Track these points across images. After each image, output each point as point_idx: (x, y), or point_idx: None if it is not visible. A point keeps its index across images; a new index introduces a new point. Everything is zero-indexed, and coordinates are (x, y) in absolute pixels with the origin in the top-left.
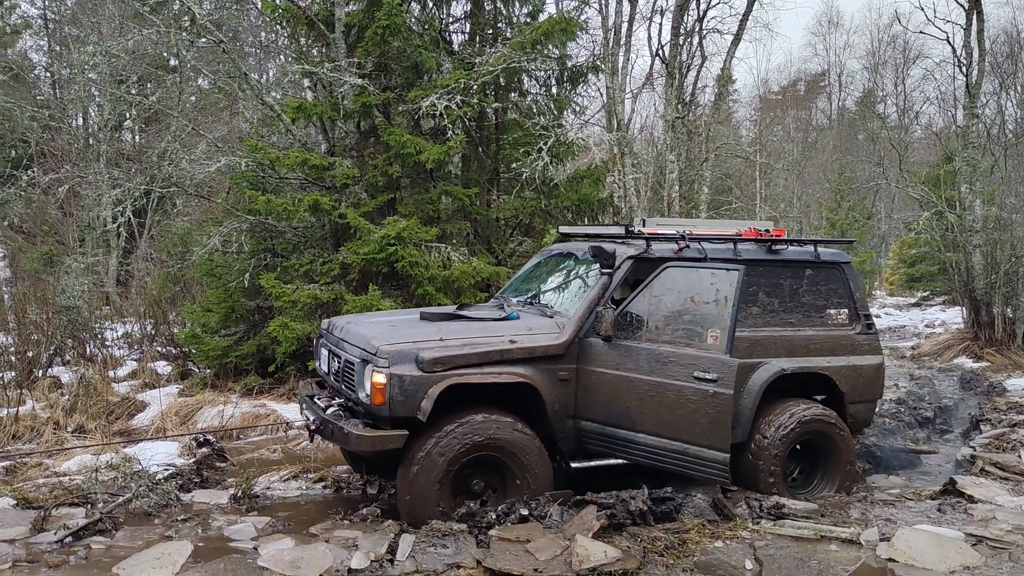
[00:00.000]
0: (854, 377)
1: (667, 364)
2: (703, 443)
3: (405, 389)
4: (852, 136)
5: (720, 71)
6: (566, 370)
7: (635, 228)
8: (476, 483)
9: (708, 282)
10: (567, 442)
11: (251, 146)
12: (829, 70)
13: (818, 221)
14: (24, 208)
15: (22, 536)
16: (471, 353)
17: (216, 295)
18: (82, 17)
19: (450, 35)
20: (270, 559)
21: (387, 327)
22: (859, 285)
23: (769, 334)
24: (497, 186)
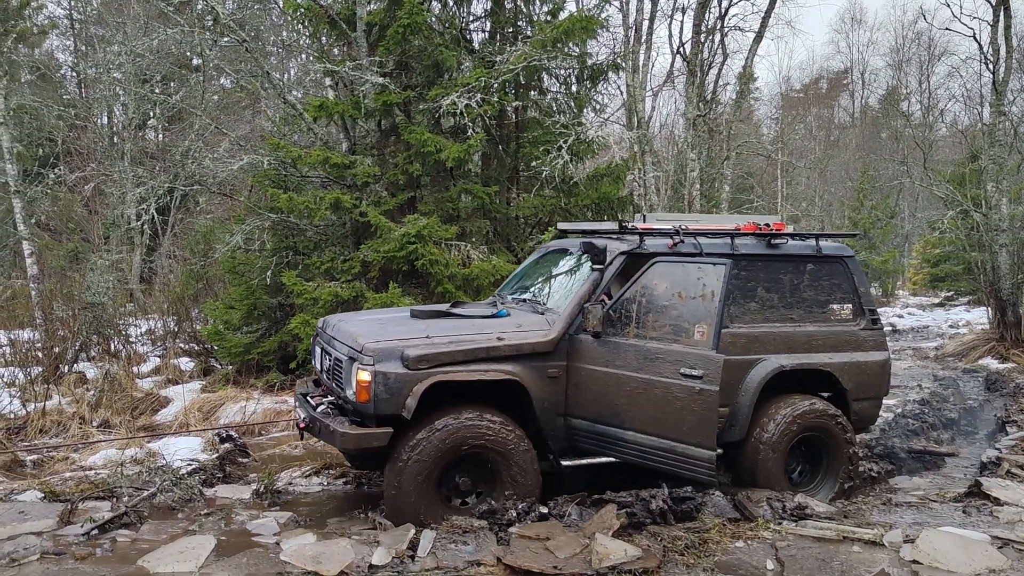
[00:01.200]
0: (858, 374)
1: (654, 360)
2: (690, 441)
3: (390, 387)
4: (875, 134)
5: (742, 69)
6: (556, 367)
7: (629, 224)
8: (463, 481)
9: (695, 277)
10: (558, 440)
11: (273, 144)
12: (852, 68)
13: (840, 220)
14: (51, 206)
15: (50, 528)
16: (457, 350)
17: (238, 292)
18: (107, 17)
19: (470, 34)
20: (292, 554)
21: (376, 325)
22: (863, 279)
23: (768, 330)
24: (517, 184)
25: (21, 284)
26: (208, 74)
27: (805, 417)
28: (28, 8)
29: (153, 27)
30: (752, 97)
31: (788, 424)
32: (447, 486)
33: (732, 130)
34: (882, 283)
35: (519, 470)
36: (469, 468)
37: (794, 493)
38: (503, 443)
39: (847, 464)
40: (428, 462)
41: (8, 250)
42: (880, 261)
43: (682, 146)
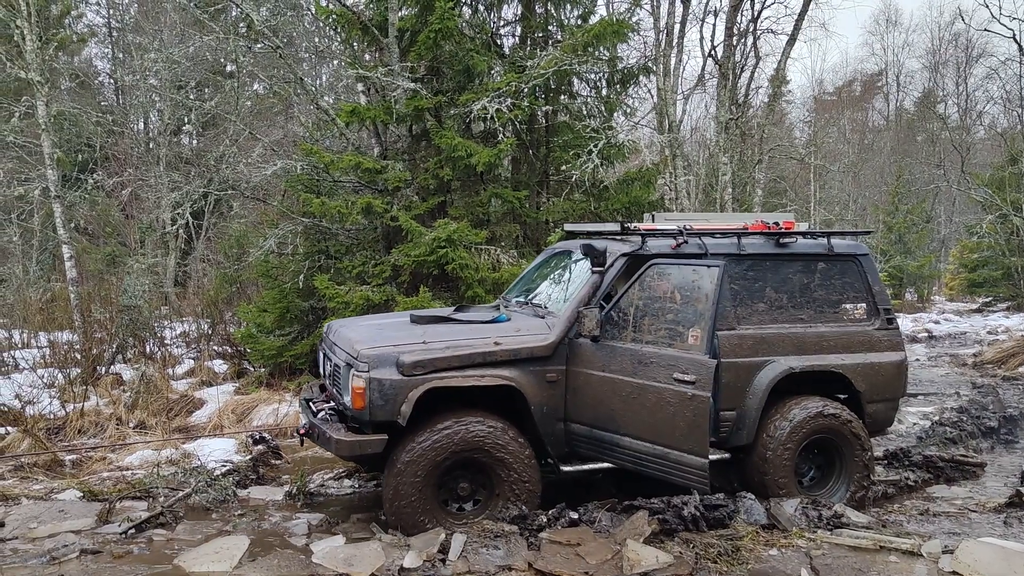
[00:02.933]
0: (872, 375)
1: (648, 365)
2: (682, 447)
3: (385, 393)
4: (910, 137)
5: (774, 71)
6: (554, 371)
7: (632, 225)
8: (463, 487)
9: (690, 279)
10: (558, 445)
11: (306, 150)
12: (887, 70)
13: (875, 224)
14: (89, 210)
15: (88, 527)
16: (452, 356)
17: (271, 296)
18: (144, 25)
19: (501, 39)
20: (324, 556)
21: (374, 330)
22: (878, 278)
23: (776, 331)
24: (547, 188)
25: (60, 287)
26: (242, 80)
27: (814, 420)
28: (68, 17)
29: (189, 34)
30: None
31: (796, 427)
32: (446, 492)
33: (764, 133)
34: (917, 288)
35: (517, 476)
36: (468, 474)
37: (805, 497)
38: (501, 449)
39: (862, 468)
40: (426, 469)
41: (48, 254)
42: (916, 266)
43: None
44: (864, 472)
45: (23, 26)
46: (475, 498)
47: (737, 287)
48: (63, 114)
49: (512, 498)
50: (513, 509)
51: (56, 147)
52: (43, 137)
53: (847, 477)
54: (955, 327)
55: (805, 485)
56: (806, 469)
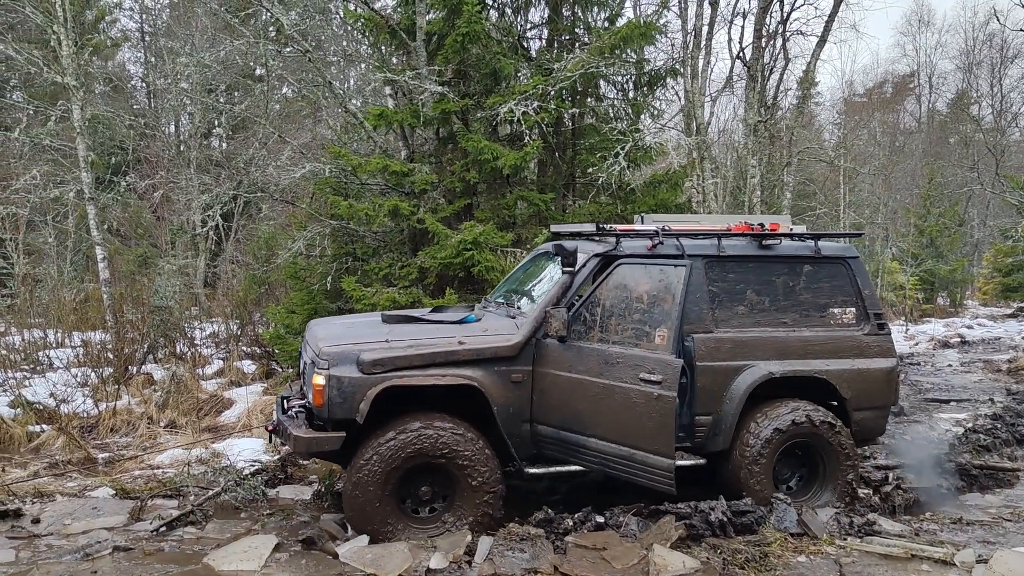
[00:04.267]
0: (859, 382)
1: (615, 365)
2: (648, 448)
3: (343, 391)
4: (943, 140)
5: (803, 73)
6: (520, 372)
7: (608, 226)
8: (424, 490)
9: (657, 280)
10: (524, 447)
11: (334, 152)
12: (919, 71)
13: (905, 228)
14: (122, 212)
15: (120, 525)
16: (414, 355)
17: (299, 297)
18: (176, 29)
19: (528, 41)
20: (351, 556)
21: (343, 329)
22: (868, 281)
23: (758, 335)
24: (573, 191)
25: (93, 288)
26: (271, 84)
27: (792, 426)
28: (102, 22)
29: (220, 39)
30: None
31: (773, 433)
32: (408, 495)
33: (793, 136)
34: (950, 293)
35: (478, 480)
36: (430, 476)
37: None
38: (459, 451)
39: (846, 474)
40: (384, 470)
41: (82, 255)
42: (948, 270)
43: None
44: (849, 478)
45: (59, 31)
46: (435, 502)
47: (716, 289)
48: (97, 118)
49: (473, 502)
50: (473, 513)
51: (90, 150)
52: (78, 140)
53: (831, 483)
54: (989, 332)
55: (788, 491)
56: (788, 475)
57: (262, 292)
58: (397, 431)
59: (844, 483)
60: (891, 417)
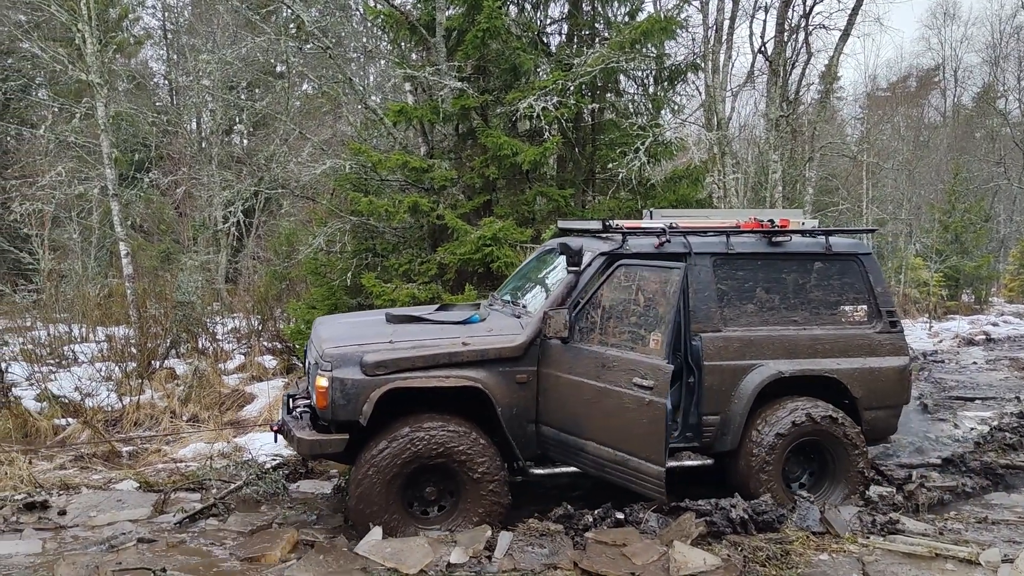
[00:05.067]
0: (870, 381)
1: (611, 369)
2: (640, 455)
3: (347, 392)
4: (968, 134)
5: (826, 67)
6: (525, 373)
7: (614, 223)
8: (429, 491)
9: (653, 281)
10: (529, 447)
11: (354, 149)
12: (944, 65)
13: (930, 224)
14: (145, 208)
15: (144, 517)
16: (417, 356)
17: (320, 293)
18: (198, 27)
19: (548, 37)
20: (370, 550)
21: (346, 329)
22: (881, 278)
23: (767, 334)
24: (593, 187)
25: (117, 283)
26: (292, 80)
27: (800, 425)
28: (126, 20)
29: (241, 36)
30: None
31: (781, 432)
32: (413, 496)
33: (816, 131)
34: (975, 290)
35: (484, 480)
36: (435, 477)
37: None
38: (463, 452)
39: (856, 472)
40: (389, 472)
41: (105, 250)
42: (973, 267)
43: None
44: (859, 476)
45: (84, 29)
46: (441, 502)
47: (724, 287)
48: (120, 115)
49: (478, 496)
50: (480, 507)
51: (114, 147)
52: (102, 137)
53: (841, 482)
54: (1015, 329)
55: (797, 489)
56: (799, 473)
57: (283, 288)
58: (388, 439)
59: (855, 480)
60: (914, 416)
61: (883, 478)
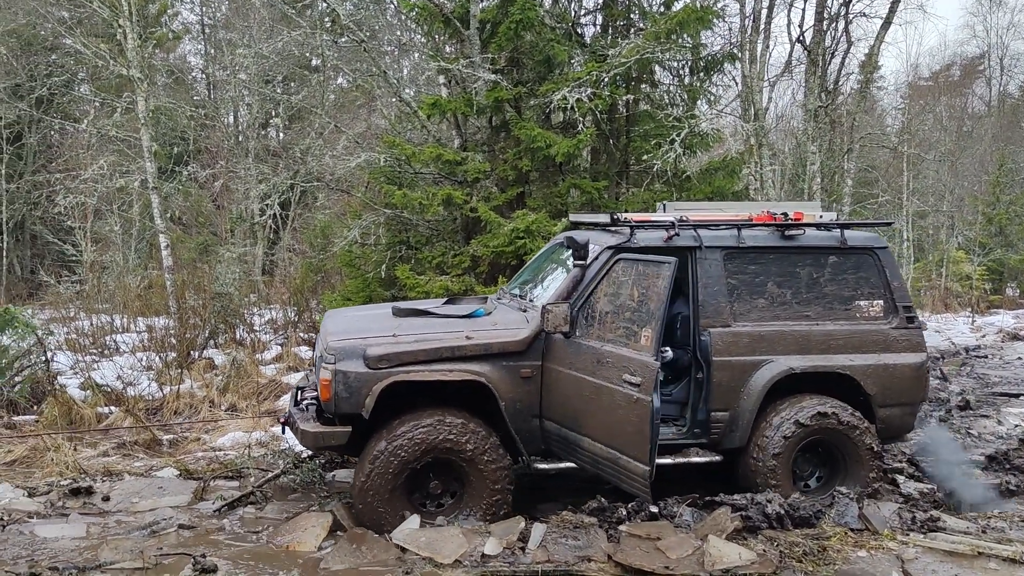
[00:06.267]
0: (885, 377)
1: (605, 365)
2: (628, 452)
3: (349, 385)
4: (1014, 124)
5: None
6: (529, 367)
7: (623, 216)
8: (434, 485)
9: (647, 276)
10: (533, 442)
11: (388, 142)
12: (989, 53)
13: (973, 216)
14: (183, 201)
15: (185, 504)
16: (420, 350)
17: (355, 285)
18: (235, 21)
19: (582, 28)
20: (405, 539)
21: (352, 322)
22: (897, 273)
23: (778, 329)
24: (627, 179)
25: (157, 274)
26: (327, 74)
27: (810, 423)
28: (165, 15)
29: (277, 30)
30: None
31: (791, 430)
32: (418, 489)
33: (855, 121)
34: (1020, 283)
35: (487, 473)
36: (440, 471)
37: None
38: (467, 446)
39: (868, 471)
40: (393, 465)
41: (145, 243)
42: (1018, 260)
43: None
44: (871, 477)
45: (125, 25)
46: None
47: (735, 282)
48: (160, 109)
49: (482, 496)
50: (482, 508)
51: (154, 141)
52: (142, 131)
53: (853, 481)
54: None
55: (809, 488)
56: (809, 472)
57: (318, 279)
58: (391, 434)
59: (868, 481)
60: (957, 412)
61: (923, 474)
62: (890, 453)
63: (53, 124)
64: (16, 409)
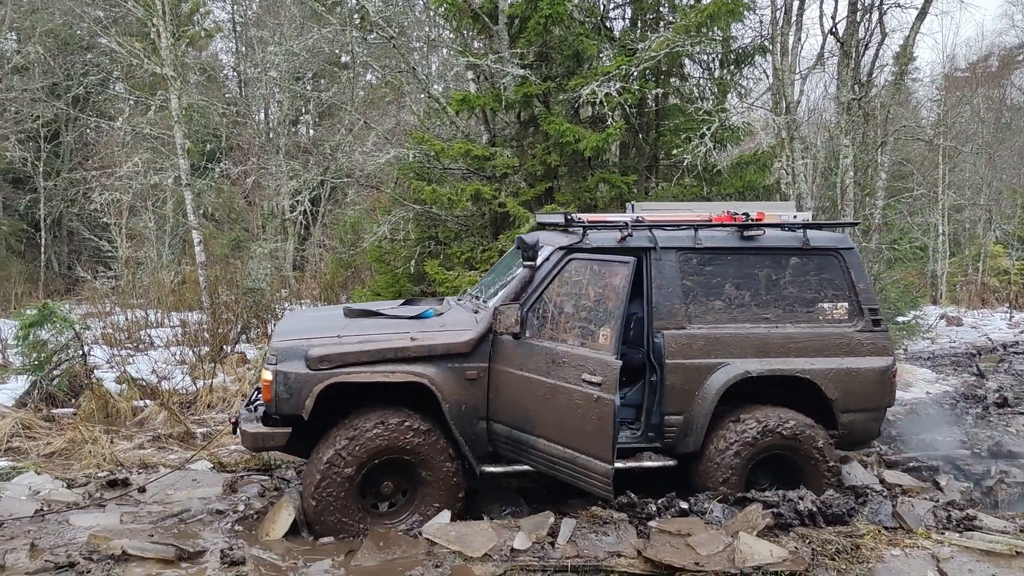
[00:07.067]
0: (848, 382)
1: (561, 365)
2: (588, 452)
3: (290, 386)
4: None
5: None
6: (475, 369)
7: (576, 216)
8: (386, 485)
9: (604, 276)
10: (480, 445)
11: (417, 138)
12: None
13: (1011, 209)
14: (215, 197)
15: (217, 495)
16: (362, 351)
17: (384, 280)
18: (266, 19)
19: (611, 22)
20: (435, 533)
21: (300, 323)
22: (863, 274)
23: (735, 331)
24: (656, 173)
25: (190, 270)
26: (356, 71)
27: (767, 430)
28: (196, 14)
29: (307, 27)
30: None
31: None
32: (369, 490)
33: (889, 114)
34: None
35: (438, 475)
36: (392, 472)
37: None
38: (417, 448)
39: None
40: (344, 466)
41: (179, 239)
42: None
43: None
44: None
45: (159, 24)
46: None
47: (691, 283)
48: (192, 106)
49: (434, 496)
50: (434, 509)
51: (186, 138)
52: (175, 128)
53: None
54: None
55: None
56: (766, 484)
57: (348, 275)
58: (332, 441)
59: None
60: (995, 409)
61: (960, 473)
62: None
63: (89, 122)
64: (55, 402)
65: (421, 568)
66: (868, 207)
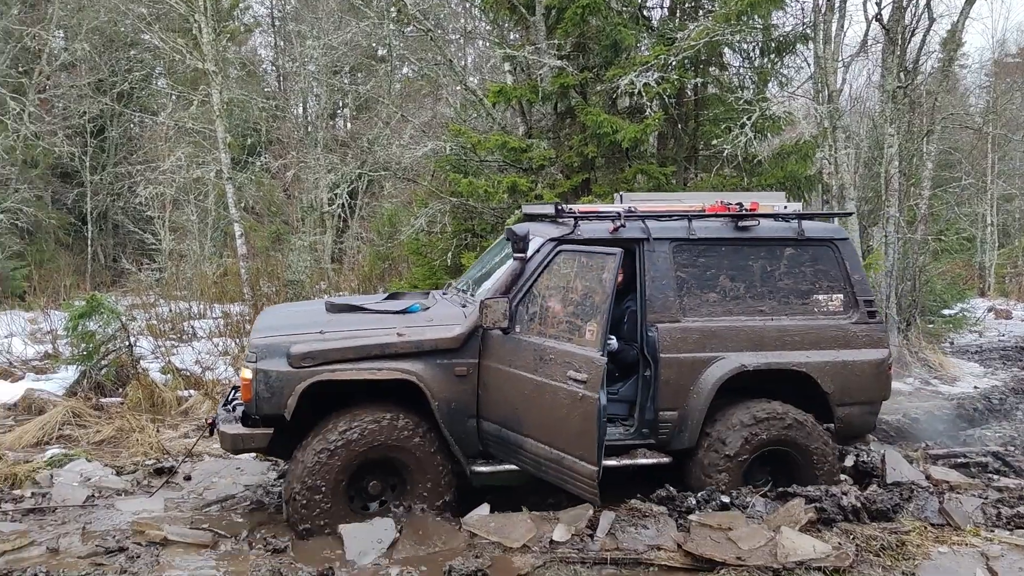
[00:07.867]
0: (844, 375)
1: (548, 362)
2: (573, 452)
3: (271, 385)
4: None
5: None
6: (464, 365)
7: (567, 207)
8: (373, 484)
9: (591, 269)
10: (470, 444)
11: (454, 130)
12: None
13: None
14: (256, 191)
15: (259, 483)
16: (347, 347)
17: (421, 272)
18: (304, 13)
19: (649, 11)
20: (475, 524)
21: (283, 318)
22: (859, 265)
23: (729, 324)
24: (695, 164)
25: (232, 262)
26: (393, 64)
27: (762, 425)
28: (236, 9)
29: (345, 21)
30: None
31: (742, 432)
32: (356, 490)
33: (936, 102)
34: None
35: (425, 471)
36: (379, 471)
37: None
38: (404, 446)
39: (821, 476)
40: (330, 466)
41: (220, 231)
42: None
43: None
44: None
45: (200, 20)
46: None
47: (685, 275)
48: (233, 101)
49: (421, 496)
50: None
51: (227, 132)
52: (217, 123)
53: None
54: None
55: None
56: (763, 480)
57: (386, 267)
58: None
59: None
60: None
61: (1009, 469)
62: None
63: (133, 117)
64: (103, 391)
65: (462, 559)
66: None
